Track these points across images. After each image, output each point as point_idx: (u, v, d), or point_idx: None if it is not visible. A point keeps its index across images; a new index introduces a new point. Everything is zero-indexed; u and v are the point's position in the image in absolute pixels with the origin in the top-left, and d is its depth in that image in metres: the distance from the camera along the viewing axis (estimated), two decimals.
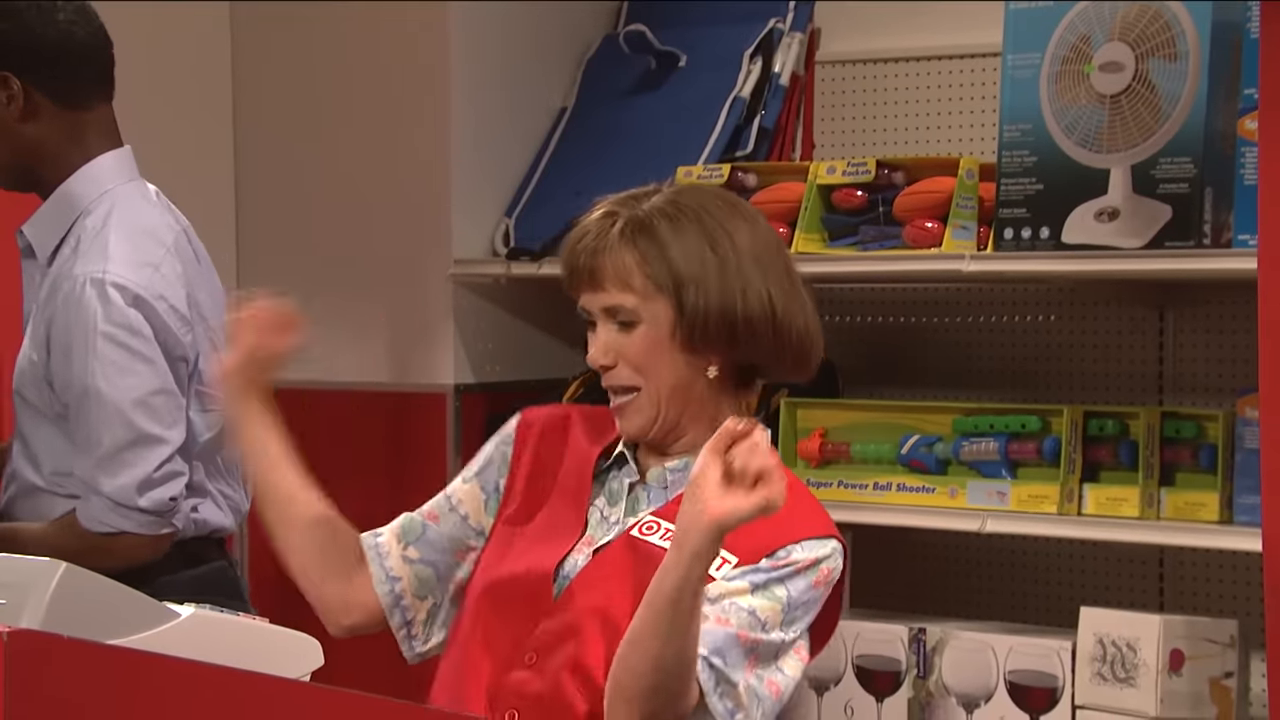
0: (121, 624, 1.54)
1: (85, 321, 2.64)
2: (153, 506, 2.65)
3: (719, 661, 2.05)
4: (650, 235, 2.14)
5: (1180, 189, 3.06)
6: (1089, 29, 3.15)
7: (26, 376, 2.75)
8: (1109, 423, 3.27)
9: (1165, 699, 3.11)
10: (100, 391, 2.63)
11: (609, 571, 2.14)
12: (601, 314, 2.16)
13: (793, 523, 2.11)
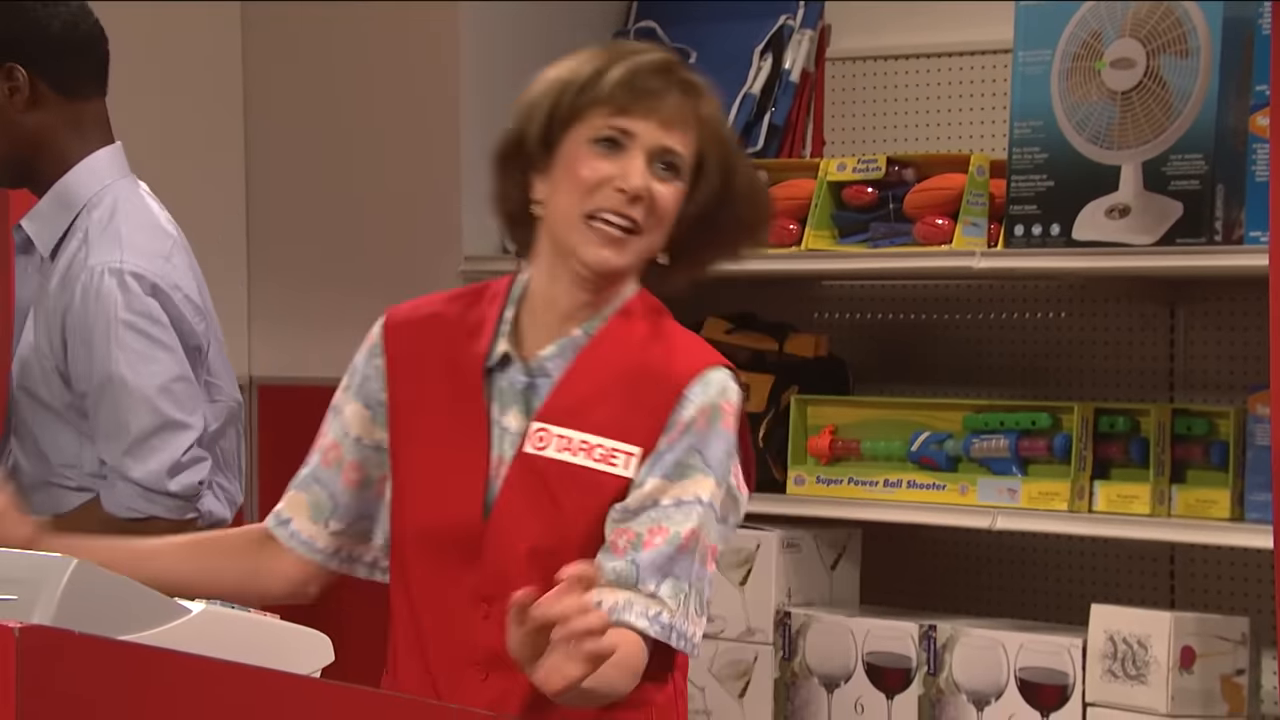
0: (132, 620, 1.54)
1: (106, 311, 2.66)
2: (182, 491, 2.67)
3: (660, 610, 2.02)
4: (714, 105, 2.12)
5: (1191, 186, 3.06)
6: (1100, 25, 3.14)
7: (33, 370, 2.76)
8: (1120, 420, 3.26)
9: (1176, 696, 3.11)
10: (125, 379, 2.65)
11: (520, 503, 2.07)
12: (653, 149, 2.06)
13: (668, 377, 2.06)
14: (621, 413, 2.06)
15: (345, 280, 4.03)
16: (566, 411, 2.08)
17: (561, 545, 2.05)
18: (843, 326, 3.80)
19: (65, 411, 2.74)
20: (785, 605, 3.49)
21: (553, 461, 2.07)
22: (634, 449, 2.06)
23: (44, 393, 2.75)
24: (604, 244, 2.05)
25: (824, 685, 3.43)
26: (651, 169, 2.06)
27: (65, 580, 1.53)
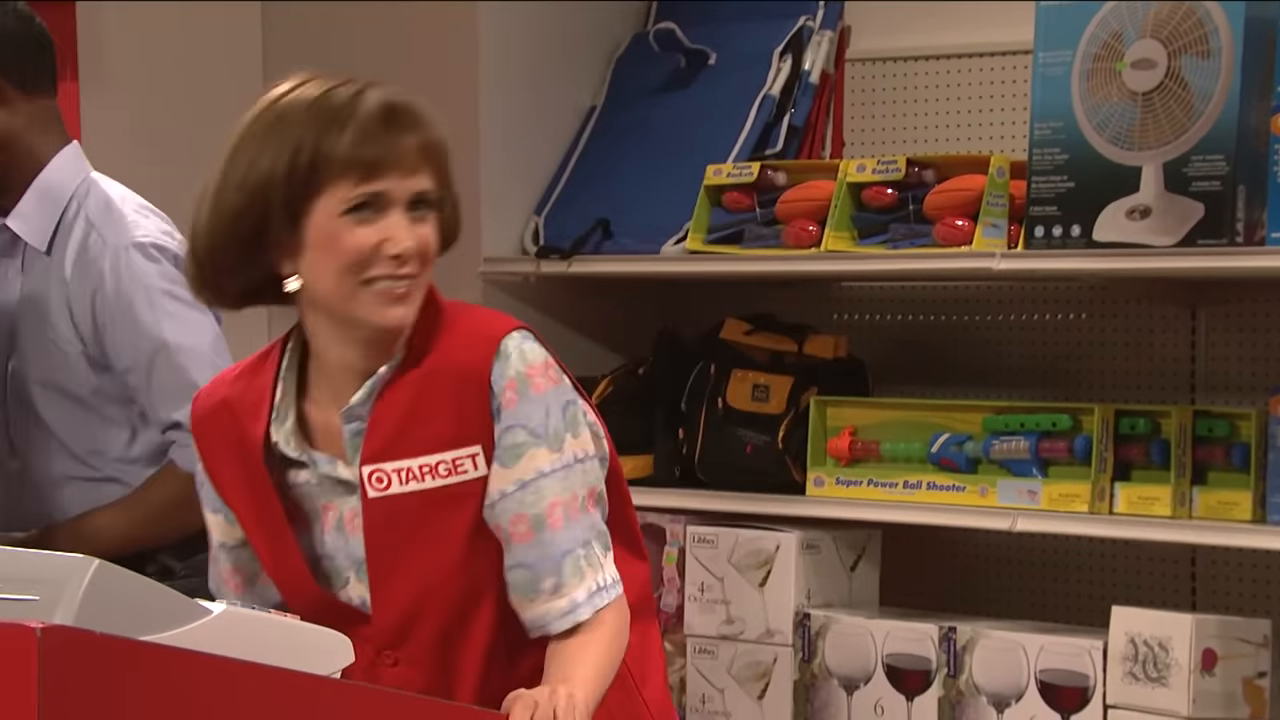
0: (153, 620, 1.54)
1: (142, 282, 2.71)
2: None
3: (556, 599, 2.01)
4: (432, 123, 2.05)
5: (1213, 186, 3.05)
6: (1121, 26, 3.14)
7: (53, 361, 2.77)
8: (1140, 421, 3.25)
9: (1197, 699, 3.10)
10: (180, 342, 2.70)
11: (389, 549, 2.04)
12: (407, 201, 2.00)
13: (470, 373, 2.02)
14: (446, 422, 2.02)
15: None
16: (392, 445, 2.04)
17: (446, 569, 2.04)
18: (862, 328, 3.79)
19: (91, 398, 2.76)
20: (805, 607, 3.48)
21: (404, 495, 2.03)
22: (474, 448, 2.02)
23: (68, 382, 2.77)
24: (391, 304, 2.00)
25: (843, 687, 3.43)
26: (410, 215, 2.01)
27: (87, 581, 1.53)
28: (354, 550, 2.05)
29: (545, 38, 3.92)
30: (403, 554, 2.04)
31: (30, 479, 2.82)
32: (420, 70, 3.96)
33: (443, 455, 2.02)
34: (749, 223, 3.58)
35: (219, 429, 2.10)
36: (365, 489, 2.03)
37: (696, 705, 3.54)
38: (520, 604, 2.04)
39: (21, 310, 2.82)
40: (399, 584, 2.04)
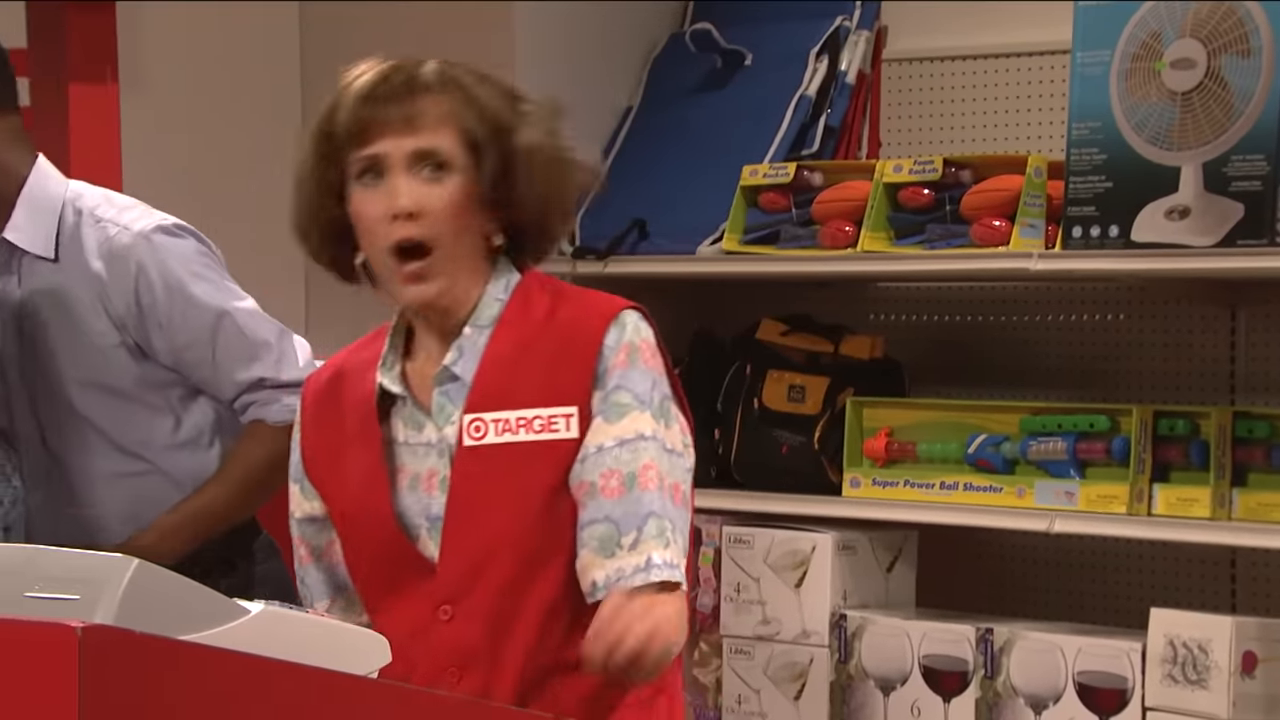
0: (193, 620, 1.54)
1: (184, 258, 2.78)
2: None
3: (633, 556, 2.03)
4: (459, 84, 2.08)
5: (1253, 186, 3.03)
6: (1160, 26, 3.12)
7: (96, 361, 2.78)
8: (1179, 422, 3.24)
9: (1238, 701, 3.08)
10: (237, 307, 2.79)
11: (474, 498, 2.08)
12: (407, 159, 2.04)
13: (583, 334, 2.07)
14: (548, 380, 2.07)
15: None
16: (494, 397, 2.08)
17: (523, 524, 2.06)
18: (899, 328, 3.79)
19: (134, 389, 2.80)
20: (841, 608, 3.48)
21: (496, 446, 2.07)
22: (570, 409, 2.06)
23: (108, 377, 2.79)
24: (407, 283, 2.06)
25: (880, 688, 3.42)
26: (419, 176, 2.05)
27: (126, 580, 1.53)
28: (428, 507, 2.09)
29: (582, 38, 3.92)
30: (482, 505, 2.07)
31: (75, 482, 2.83)
32: None
33: (539, 412, 2.06)
34: (785, 223, 3.58)
35: (328, 394, 2.17)
36: (462, 437, 2.07)
37: (733, 706, 3.54)
38: (593, 564, 2.04)
39: (41, 317, 2.83)
40: (472, 534, 2.07)
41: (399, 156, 2.05)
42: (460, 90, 2.08)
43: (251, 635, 1.56)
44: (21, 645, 1.39)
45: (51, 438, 2.84)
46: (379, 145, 2.05)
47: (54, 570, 1.59)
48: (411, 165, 2.05)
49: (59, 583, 1.56)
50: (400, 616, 2.09)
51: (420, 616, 2.07)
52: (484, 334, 2.10)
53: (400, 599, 2.10)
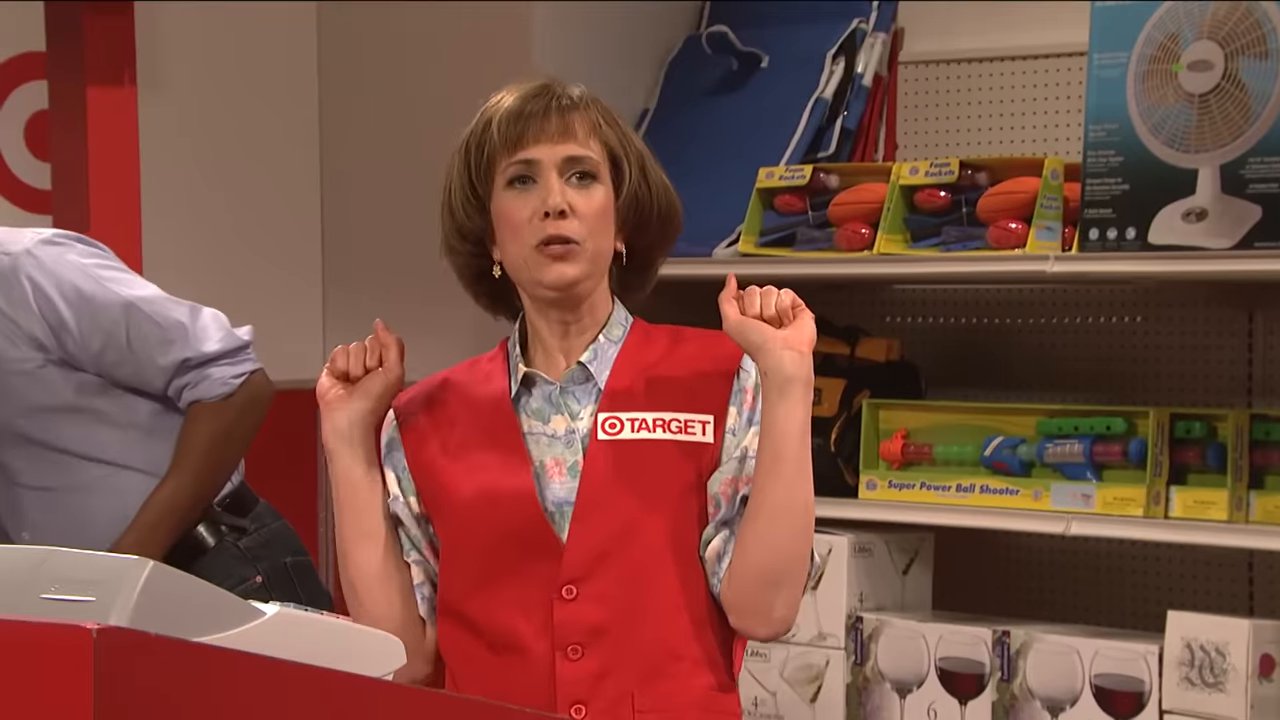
0: (208, 622, 1.54)
1: (71, 266, 2.76)
2: (249, 336, 2.83)
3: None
4: (605, 107, 2.23)
5: (1270, 189, 3.02)
6: (1177, 27, 3.11)
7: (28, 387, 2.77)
8: (1196, 425, 3.23)
9: (1256, 705, 3.07)
10: (138, 295, 2.78)
11: (605, 488, 2.14)
12: (561, 164, 2.15)
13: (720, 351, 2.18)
14: (684, 388, 2.17)
15: (419, 288, 4.04)
16: (629, 396, 2.17)
17: (654, 515, 2.13)
18: (915, 330, 3.78)
19: (78, 399, 2.79)
20: (857, 610, 3.47)
21: (632, 442, 2.15)
22: (707, 416, 2.16)
23: (48, 397, 2.79)
24: (553, 261, 2.15)
25: (896, 690, 3.41)
26: (567, 183, 2.16)
27: (142, 582, 1.53)
28: (555, 493, 2.15)
29: (598, 40, 3.92)
30: (614, 492, 2.14)
31: (58, 504, 2.83)
32: (474, 73, 3.97)
33: (676, 415, 2.16)
34: (801, 225, 3.58)
35: (438, 401, 2.24)
36: (596, 431, 2.15)
37: (749, 709, 3.53)
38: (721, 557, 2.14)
39: None
40: (602, 520, 2.13)
41: (551, 162, 2.16)
42: (603, 110, 2.22)
43: (266, 637, 1.56)
44: (37, 647, 1.39)
45: (19, 474, 2.83)
46: (533, 151, 2.16)
47: (70, 572, 1.59)
48: (563, 171, 2.16)
49: (75, 584, 1.57)
50: (515, 596, 2.14)
51: (540, 597, 2.13)
52: (615, 346, 2.20)
53: (519, 580, 2.14)
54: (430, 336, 4.03)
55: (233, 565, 2.83)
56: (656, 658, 2.12)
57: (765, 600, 2.11)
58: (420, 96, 4.04)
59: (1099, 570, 3.58)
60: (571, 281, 2.16)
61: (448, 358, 3.97)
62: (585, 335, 2.20)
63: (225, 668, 1.43)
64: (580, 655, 2.11)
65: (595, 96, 2.23)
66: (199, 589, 1.58)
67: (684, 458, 2.14)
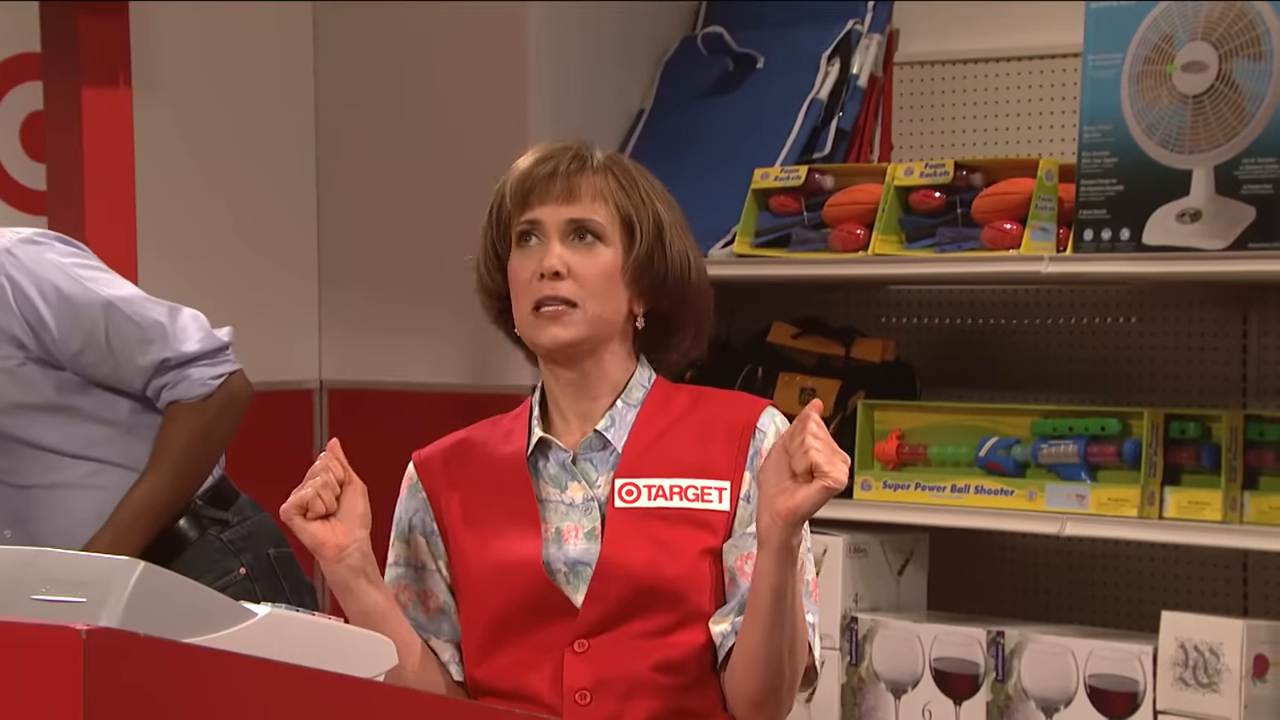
0: (198, 622, 1.54)
1: (52, 263, 2.75)
2: (229, 338, 2.81)
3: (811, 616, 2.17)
4: (624, 170, 2.22)
5: (1264, 190, 3.02)
6: (1171, 28, 3.11)
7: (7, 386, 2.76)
8: (1191, 425, 3.23)
9: (1249, 705, 3.07)
10: (118, 295, 2.76)
11: (627, 546, 2.15)
12: (564, 227, 2.17)
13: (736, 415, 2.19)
14: (699, 454, 2.18)
15: (413, 288, 4.04)
16: (645, 462, 2.18)
17: (669, 578, 2.15)
18: (910, 331, 3.78)
19: (58, 398, 2.79)
20: (852, 610, 3.47)
21: (648, 510, 2.16)
22: (723, 483, 2.16)
23: (28, 396, 2.78)
24: (547, 323, 2.16)
25: (891, 691, 3.41)
26: (571, 245, 2.17)
27: (133, 583, 1.53)
28: (569, 554, 2.17)
29: (594, 40, 3.92)
30: (630, 557, 2.15)
31: (40, 500, 2.82)
32: (471, 73, 3.97)
33: (693, 482, 2.17)
34: (796, 226, 3.57)
35: (458, 459, 2.24)
36: (614, 498, 2.16)
37: None
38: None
39: None
40: (618, 585, 2.15)
41: (554, 223, 2.18)
42: (624, 173, 2.22)
43: (257, 638, 1.56)
44: (28, 647, 1.39)
45: (9, 468, 2.83)
46: (537, 212, 2.18)
47: (60, 573, 1.59)
48: (565, 233, 2.17)
49: (65, 585, 1.56)
50: (526, 654, 2.17)
51: (552, 651, 2.15)
52: (633, 410, 2.21)
53: (532, 639, 2.17)
54: (423, 336, 4.04)
55: (216, 558, 2.83)
56: (663, 710, 2.14)
57: (748, 713, 2.15)
58: (415, 98, 4.04)
59: (1093, 570, 3.58)
60: (565, 344, 2.16)
61: (440, 356, 3.99)
62: (601, 400, 2.20)
63: (216, 669, 1.42)
64: (589, 701, 2.13)
65: (621, 159, 2.24)
66: (190, 590, 1.58)
67: (699, 525, 2.16)
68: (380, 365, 4.05)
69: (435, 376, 3.98)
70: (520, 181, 2.19)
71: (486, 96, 3.94)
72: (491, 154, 3.94)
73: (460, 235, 3.96)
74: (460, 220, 3.98)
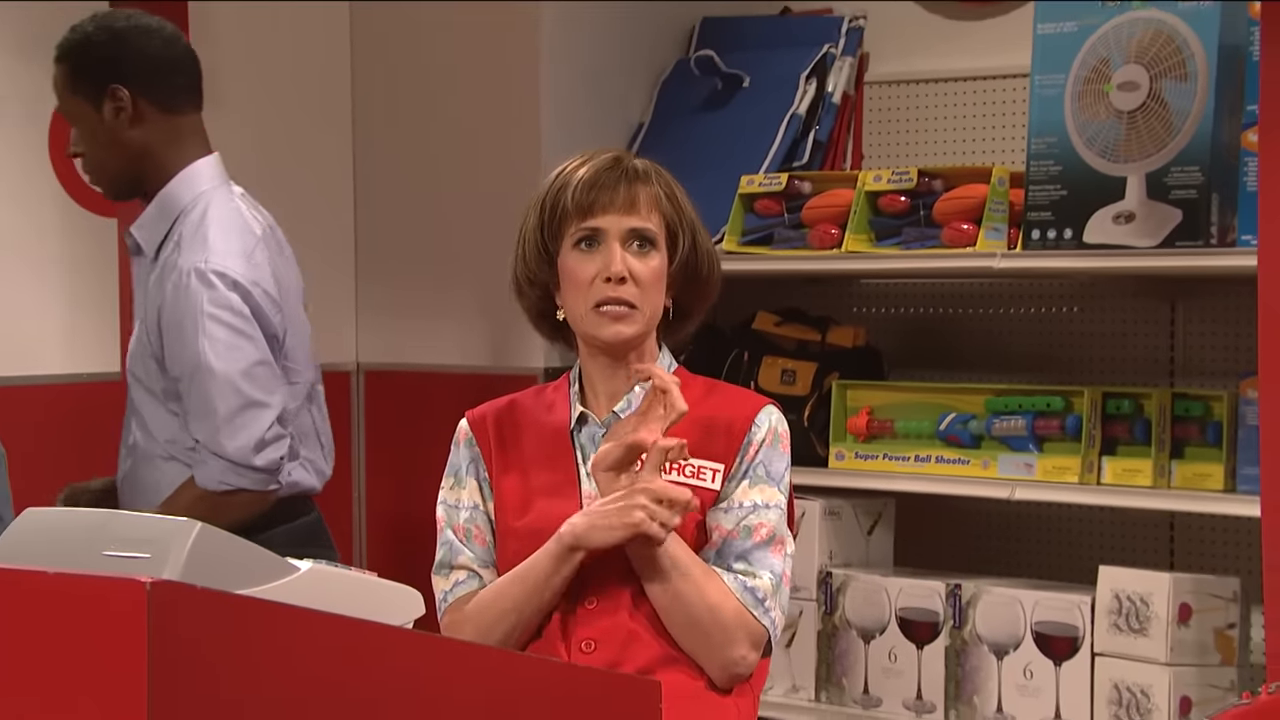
0: (249, 576, 1.54)
1: (194, 305, 2.67)
2: (266, 465, 2.68)
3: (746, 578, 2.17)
4: (664, 179, 2.24)
5: (1189, 195, 3.02)
6: (1108, 52, 3.11)
7: (137, 356, 2.79)
8: (1125, 402, 3.24)
9: (1175, 647, 3.08)
10: (212, 366, 2.66)
11: None
12: (624, 235, 2.18)
13: (738, 410, 2.22)
14: (702, 439, 2.20)
15: (444, 276, 4.04)
16: None
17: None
18: (878, 320, 3.78)
19: (161, 394, 2.76)
20: (827, 566, 3.48)
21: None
22: (718, 465, 2.19)
23: (145, 377, 2.78)
24: (612, 322, 2.19)
25: (861, 637, 3.42)
26: (629, 250, 2.18)
27: (191, 541, 1.53)
28: None
29: (600, 63, 3.92)
30: None
31: (138, 452, 2.84)
32: (489, 92, 3.97)
33: (694, 461, 2.19)
34: (778, 226, 3.58)
35: (507, 421, 2.26)
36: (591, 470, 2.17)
37: None
38: None
39: (141, 304, 2.83)
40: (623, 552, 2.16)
41: (616, 231, 2.19)
42: (665, 183, 2.23)
43: (301, 590, 1.56)
44: (98, 597, 1.39)
45: (131, 415, 2.85)
46: (600, 220, 2.18)
47: (129, 532, 1.59)
48: (625, 240, 2.19)
49: (132, 543, 1.56)
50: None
51: (564, 606, 2.17)
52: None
53: None
54: (449, 321, 4.04)
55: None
56: (657, 657, 2.15)
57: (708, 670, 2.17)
58: (443, 111, 4.03)
59: (1039, 530, 3.59)
60: (626, 340, 2.19)
61: (467, 341, 3.99)
62: (628, 382, 2.22)
63: (264, 617, 1.43)
64: (593, 649, 2.15)
65: (659, 168, 2.25)
66: (241, 547, 1.58)
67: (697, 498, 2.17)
68: (411, 349, 4.05)
69: (460, 359, 3.99)
70: (585, 191, 2.18)
71: (505, 111, 3.94)
72: (508, 162, 3.96)
73: (479, 234, 3.99)
74: (484, 214, 4.00)
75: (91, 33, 2.76)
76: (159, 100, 2.77)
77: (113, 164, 2.78)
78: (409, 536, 3.90)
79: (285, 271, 2.82)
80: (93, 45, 2.76)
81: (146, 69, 2.76)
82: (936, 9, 3.74)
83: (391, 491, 4.02)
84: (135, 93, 2.76)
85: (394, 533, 4.04)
